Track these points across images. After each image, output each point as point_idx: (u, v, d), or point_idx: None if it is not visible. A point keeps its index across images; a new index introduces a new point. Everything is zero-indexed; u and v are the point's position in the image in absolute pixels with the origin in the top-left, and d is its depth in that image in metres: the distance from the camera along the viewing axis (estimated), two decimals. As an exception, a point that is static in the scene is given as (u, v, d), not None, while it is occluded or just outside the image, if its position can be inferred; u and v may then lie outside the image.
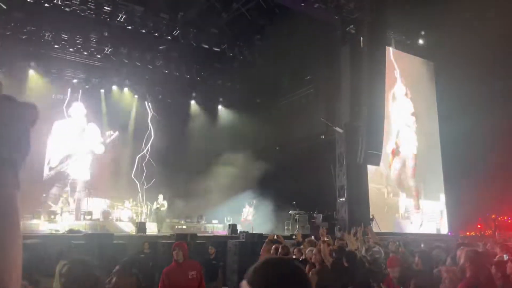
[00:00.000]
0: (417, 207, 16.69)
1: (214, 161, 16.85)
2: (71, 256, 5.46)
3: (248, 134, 17.56)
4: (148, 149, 18.11)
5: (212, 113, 20.14)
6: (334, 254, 5.35)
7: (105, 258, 7.54)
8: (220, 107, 20.35)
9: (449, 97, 17.20)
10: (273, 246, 5.78)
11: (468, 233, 18.86)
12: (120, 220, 14.53)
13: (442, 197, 17.52)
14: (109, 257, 7.67)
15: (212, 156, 17.02)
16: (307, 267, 5.00)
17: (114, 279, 2.35)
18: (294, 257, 5.73)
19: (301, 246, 6.53)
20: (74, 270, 2.35)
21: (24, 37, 14.65)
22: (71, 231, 11.08)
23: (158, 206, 14.51)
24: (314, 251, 5.04)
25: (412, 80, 17.53)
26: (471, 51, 15.09)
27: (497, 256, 4.37)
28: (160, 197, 14.83)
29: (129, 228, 13.80)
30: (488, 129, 15.73)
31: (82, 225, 12.78)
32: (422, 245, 4.88)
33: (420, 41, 17.62)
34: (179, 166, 17.19)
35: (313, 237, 7.59)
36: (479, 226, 20.59)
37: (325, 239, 5.77)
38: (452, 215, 17.46)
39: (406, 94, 17.15)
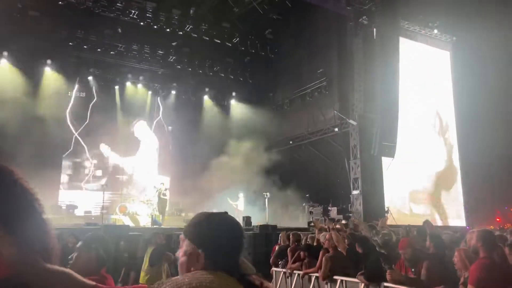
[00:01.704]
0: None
1: (226, 156, 16.92)
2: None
3: (261, 128, 17.56)
4: (161, 145, 18.31)
5: (224, 108, 20.21)
6: (347, 241, 5.34)
7: (121, 248, 7.75)
8: (232, 101, 20.40)
9: (466, 87, 16.88)
10: (285, 234, 5.79)
11: (486, 227, 18.54)
12: (137, 214, 14.75)
13: (460, 189, 17.22)
14: (125, 247, 7.88)
15: (224, 150, 17.08)
16: (321, 252, 5.00)
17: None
18: (308, 242, 5.74)
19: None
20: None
21: (39, 35, 14.92)
22: (88, 223, 11.28)
23: (159, 194, 14.19)
24: (327, 237, 5.04)
25: (427, 70, 17.25)
26: (488, 39, 14.79)
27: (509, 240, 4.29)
28: (162, 186, 14.64)
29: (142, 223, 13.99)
30: (507, 121, 15.42)
31: (99, 218, 12.99)
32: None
33: (435, 31, 17.32)
34: (192, 161, 17.33)
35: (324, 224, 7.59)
36: (498, 219, 20.23)
37: (336, 226, 5.74)
38: (470, 208, 17.15)
39: (421, 85, 16.87)
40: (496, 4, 14.22)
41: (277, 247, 7.07)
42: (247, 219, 12.83)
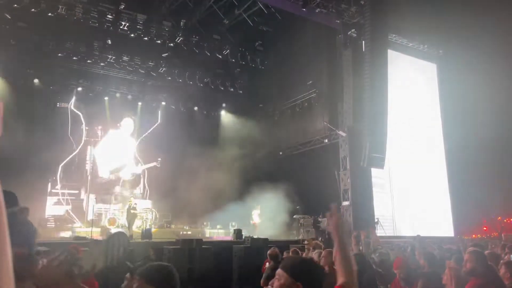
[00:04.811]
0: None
1: (217, 167, 16.86)
2: None
3: (251, 139, 17.58)
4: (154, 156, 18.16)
5: (214, 119, 20.21)
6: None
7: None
8: (222, 112, 20.41)
9: (453, 98, 17.19)
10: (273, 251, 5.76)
11: (474, 235, 18.76)
12: (126, 227, 14.52)
13: (447, 199, 17.41)
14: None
15: (214, 161, 17.03)
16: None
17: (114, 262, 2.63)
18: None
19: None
20: None
21: (28, 46, 14.78)
22: (77, 238, 11.10)
23: (130, 207, 13.79)
24: (323, 254, 5.02)
25: (415, 82, 17.53)
26: (474, 52, 15.10)
27: (505, 257, 4.35)
28: (132, 200, 14.34)
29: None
30: (493, 131, 15.70)
31: (88, 232, 12.76)
32: (416, 246, 4.83)
33: (422, 44, 17.65)
34: (182, 172, 17.19)
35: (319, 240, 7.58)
36: (485, 228, 20.49)
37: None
38: (457, 218, 17.34)
39: (409, 97, 17.13)
40: (481, 19, 14.58)
41: (267, 265, 6.97)
42: (238, 232, 12.75)
